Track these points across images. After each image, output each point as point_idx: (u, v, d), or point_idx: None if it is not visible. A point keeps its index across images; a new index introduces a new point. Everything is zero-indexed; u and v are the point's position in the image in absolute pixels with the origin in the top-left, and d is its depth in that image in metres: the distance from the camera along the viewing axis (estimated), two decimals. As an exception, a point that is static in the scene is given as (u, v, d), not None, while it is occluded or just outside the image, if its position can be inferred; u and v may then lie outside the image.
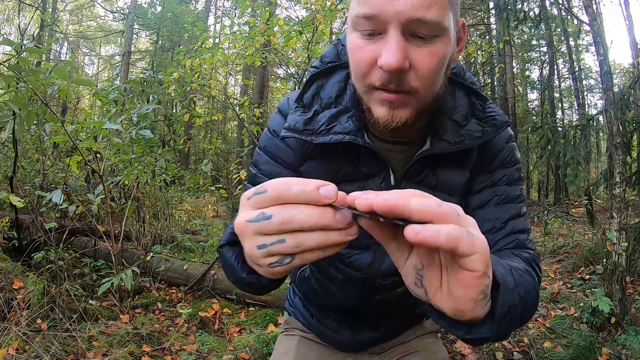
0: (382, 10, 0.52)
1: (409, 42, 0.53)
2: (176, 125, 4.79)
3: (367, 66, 0.56)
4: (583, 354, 1.88)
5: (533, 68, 15.80)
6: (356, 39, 0.57)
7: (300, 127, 0.67)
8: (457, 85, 0.69)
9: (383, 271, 0.75)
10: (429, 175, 0.70)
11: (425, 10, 0.51)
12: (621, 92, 3.21)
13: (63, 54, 16.62)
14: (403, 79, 0.55)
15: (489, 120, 0.67)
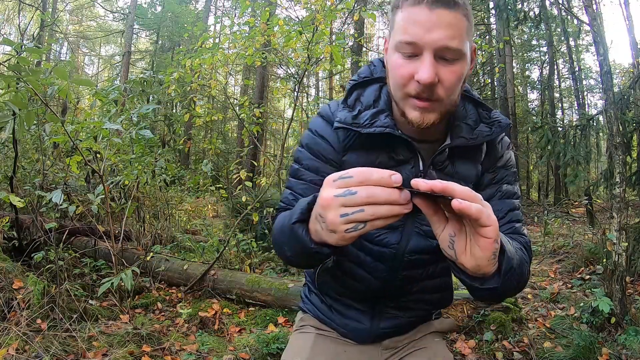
0: (420, 39, 0.72)
1: (438, 63, 0.73)
2: (176, 125, 4.79)
3: (406, 79, 0.75)
4: (583, 354, 1.88)
5: (533, 68, 15.80)
6: (398, 58, 0.76)
7: (349, 120, 0.86)
8: (467, 99, 0.90)
9: (410, 248, 0.90)
10: (449, 165, 0.88)
11: (451, 41, 0.71)
12: (621, 92, 3.21)
13: (63, 54, 16.63)
14: (433, 90, 0.74)
15: (495, 123, 0.88)
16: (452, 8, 0.72)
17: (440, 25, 0.71)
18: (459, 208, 0.50)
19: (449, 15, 0.72)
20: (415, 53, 0.74)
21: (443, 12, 0.71)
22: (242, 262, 3.16)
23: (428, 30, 0.71)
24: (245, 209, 3.35)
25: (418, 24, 0.72)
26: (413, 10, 0.73)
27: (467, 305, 2.23)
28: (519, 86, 14.35)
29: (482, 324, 2.18)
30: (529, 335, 2.15)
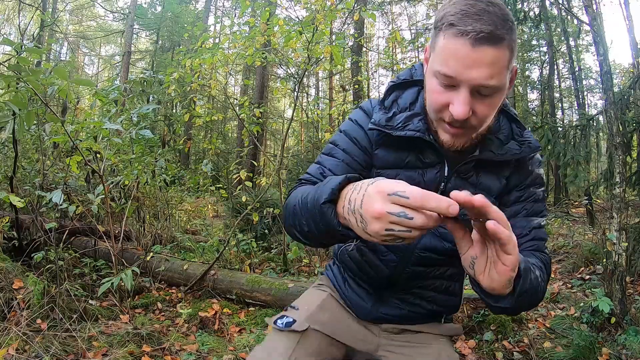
0: (458, 74, 0.71)
1: (474, 98, 0.73)
2: (176, 125, 4.80)
3: (441, 107, 0.77)
4: (583, 354, 1.88)
5: (533, 68, 15.78)
6: (436, 85, 0.76)
7: (382, 122, 0.90)
8: (503, 113, 0.91)
9: (422, 245, 0.95)
10: (473, 176, 0.91)
11: (489, 80, 0.71)
12: (621, 92, 3.21)
13: (63, 54, 16.63)
14: (466, 122, 0.76)
15: (526, 143, 0.89)
16: (497, 44, 0.69)
17: (481, 64, 0.69)
18: (494, 230, 0.53)
19: (492, 53, 0.69)
20: (452, 85, 0.74)
21: (487, 50, 0.69)
22: (242, 262, 3.17)
23: (468, 67, 0.70)
24: (245, 209, 3.35)
25: (459, 59, 0.70)
26: (456, 42, 0.70)
27: (467, 305, 2.23)
28: (519, 86, 14.34)
29: (482, 324, 2.18)
30: (529, 335, 2.14)
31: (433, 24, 0.78)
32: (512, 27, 0.72)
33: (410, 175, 0.92)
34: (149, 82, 3.03)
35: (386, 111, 0.92)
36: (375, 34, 19.27)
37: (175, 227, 4.27)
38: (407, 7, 17.09)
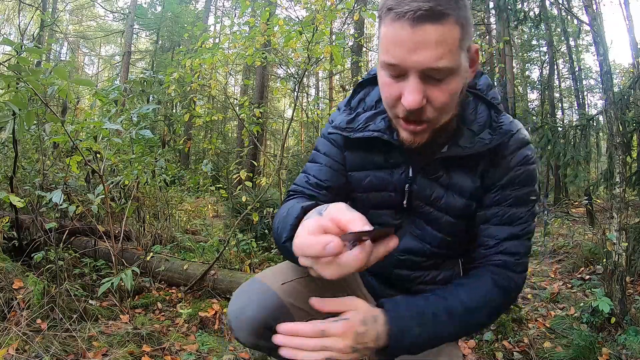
0: (402, 61, 0.65)
1: (425, 83, 0.67)
2: (176, 125, 4.80)
3: (393, 100, 0.71)
4: (583, 354, 1.88)
5: (533, 68, 15.79)
6: (385, 77, 0.71)
7: (343, 125, 0.88)
8: (480, 99, 0.83)
9: (400, 247, 0.90)
10: (443, 175, 0.84)
11: (439, 61, 0.64)
12: (621, 92, 3.21)
13: (63, 54, 16.64)
14: (421, 113, 0.69)
15: (498, 129, 0.80)
16: (439, 21, 0.63)
17: (425, 45, 0.63)
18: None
19: (436, 31, 0.63)
20: (400, 74, 0.68)
21: (428, 28, 0.62)
22: (242, 262, 3.16)
23: (412, 51, 0.64)
24: (245, 209, 3.35)
25: (400, 44, 0.64)
26: (394, 26, 0.64)
27: (467, 305, 2.23)
28: (519, 86, 14.34)
29: (482, 324, 2.18)
30: (529, 335, 2.14)
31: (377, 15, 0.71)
32: (460, 3, 0.66)
33: (380, 176, 0.88)
34: (149, 82, 3.03)
35: (350, 112, 0.89)
36: (375, 34, 19.26)
37: (175, 227, 4.27)
38: (407, 7, 17.07)
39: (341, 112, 0.90)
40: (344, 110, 0.90)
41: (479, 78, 0.86)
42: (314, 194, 0.91)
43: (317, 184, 0.92)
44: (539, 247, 4.66)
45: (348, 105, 0.91)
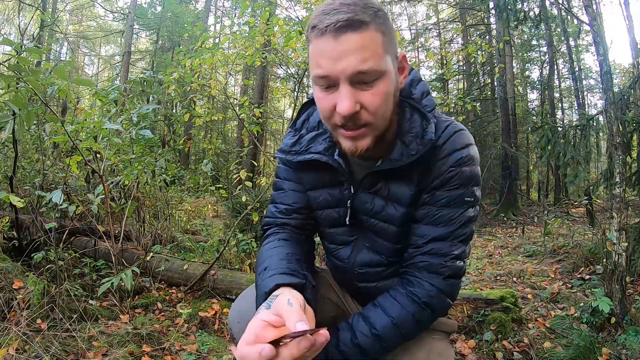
0: (330, 70, 0.69)
1: (356, 89, 0.70)
2: (176, 125, 4.79)
3: (329, 112, 0.73)
4: (583, 354, 1.88)
5: (533, 68, 15.79)
6: (318, 92, 0.74)
7: (287, 148, 0.91)
8: (415, 110, 0.84)
9: (358, 262, 0.95)
10: (382, 187, 0.86)
11: (363, 64, 0.67)
12: (621, 92, 3.21)
13: (63, 54, 16.63)
14: (357, 118, 0.71)
15: (423, 137, 0.80)
16: (359, 28, 0.67)
17: (348, 52, 0.67)
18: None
19: (357, 38, 0.67)
20: (331, 85, 0.71)
21: (349, 37, 0.67)
22: (242, 262, 3.16)
23: (337, 60, 0.68)
24: (245, 209, 3.35)
25: (327, 56, 0.69)
26: (319, 42, 0.69)
27: (467, 305, 2.23)
28: (519, 86, 14.35)
29: (482, 324, 2.18)
30: (529, 335, 2.14)
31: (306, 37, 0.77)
32: (378, 13, 0.70)
33: (332, 193, 0.93)
34: (149, 82, 3.03)
35: (294, 134, 0.92)
36: (375, 34, 19.23)
37: (175, 227, 4.27)
38: (407, 7, 17.08)
39: (287, 135, 0.94)
40: (289, 132, 0.94)
41: (416, 86, 0.87)
42: (286, 221, 0.97)
43: (286, 209, 0.97)
44: (539, 247, 4.66)
45: (293, 126, 0.94)
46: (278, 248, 0.87)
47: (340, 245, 0.97)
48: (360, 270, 0.95)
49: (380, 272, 0.94)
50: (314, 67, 0.72)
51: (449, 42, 13.96)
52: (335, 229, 0.97)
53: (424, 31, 14.90)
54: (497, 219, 9.43)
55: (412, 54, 16.47)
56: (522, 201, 11.95)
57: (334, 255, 0.99)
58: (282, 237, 0.93)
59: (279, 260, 0.82)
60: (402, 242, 0.89)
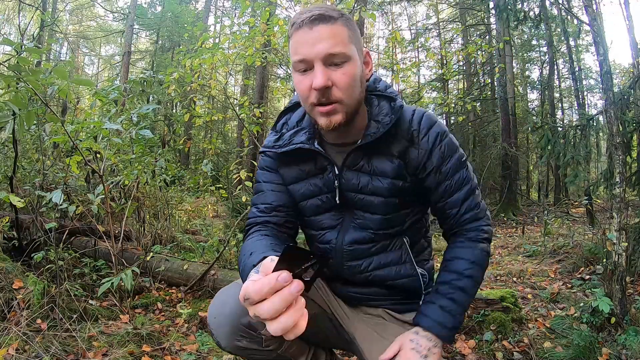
0: (307, 54, 0.84)
1: (328, 69, 0.84)
2: (176, 125, 4.79)
3: (307, 91, 0.87)
4: (583, 354, 1.88)
5: (533, 68, 15.79)
6: (297, 76, 0.88)
7: (270, 144, 1.03)
8: (382, 97, 0.99)
9: (347, 241, 1.03)
10: (365, 164, 0.98)
11: (334, 48, 0.83)
12: (621, 92, 3.21)
13: (63, 54, 16.63)
14: (329, 93, 0.85)
15: (393, 109, 0.95)
16: (329, 22, 0.84)
17: (321, 38, 0.83)
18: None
19: (328, 29, 0.84)
20: (308, 67, 0.85)
21: (322, 27, 0.83)
22: (242, 262, 3.16)
23: (312, 45, 0.83)
24: (245, 209, 3.35)
25: (303, 43, 0.84)
26: (298, 33, 0.85)
27: (467, 305, 2.23)
28: (519, 86, 14.34)
29: (482, 324, 2.18)
30: (529, 335, 2.15)
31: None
32: (346, 16, 0.87)
33: (314, 182, 1.03)
34: (149, 82, 3.02)
35: (276, 134, 1.04)
36: (375, 34, 19.27)
37: (175, 227, 4.27)
38: (407, 7, 17.08)
39: (269, 136, 1.06)
40: (270, 134, 1.06)
41: (379, 82, 1.03)
42: (267, 218, 1.03)
43: (266, 208, 1.05)
44: (539, 247, 4.66)
45: (274, 128, 1.06)
46: (261, 240, 0.92)
47: (325, 230, 1.06)
48: (350, 248, 1.03)
49: (368, 249, 1.04)
50: (293, 54, 0.86)
51: (449, 42, 13.96)
52: (320, 216, 1.06)
53: (424, 31, 14.90)
54: (497, 219, 9.43)
55: (412, 54, 16.48)
56: (522, 201, 11.95)
57: (320, 240, 1.07)
58: (264, 233, 0.98)
59: (263, 246, 0.87)
60: (389, 213, 1.01)
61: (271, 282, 0.52)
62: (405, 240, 1.06)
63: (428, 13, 17.34)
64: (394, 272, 1.05)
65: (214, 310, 0.95)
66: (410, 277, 1.06)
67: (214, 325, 0.94)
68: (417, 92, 12.68)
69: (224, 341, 0.94)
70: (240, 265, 0.87)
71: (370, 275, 1.05)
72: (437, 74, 14.36)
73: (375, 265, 1.04)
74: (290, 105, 1.09)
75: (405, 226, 1.05)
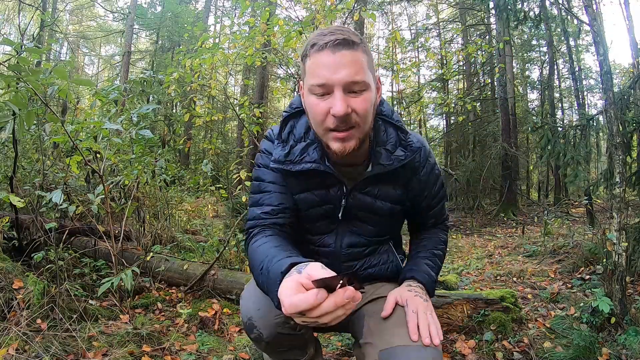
0: (328, 79, 0.84)
1: (348, 96, 0.85)
2: (176, 125, 4.79)
3: (323, 115, 0.87)
4: (583, 354, 1.88)
5: (533, 68, 15.79)
6: (313, 99, 0.88)
7: (282, 159, 1.02)
8: (388, 123, 1.03)
9: (344, 244, 1.12)
10: (372, 189, 1.06)
11: (356, 76, 0.84)
12: (621, 92, 3.21)
13: (63, 54, 16.63)
14: (349, 120, 0.86)
15: (409, 147, 1.02)
16: (352, 47, 0.84)
17: (344, 65, 0.83)
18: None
19: (350, 55, 0.83)
20: (327, 92, 0.85)
21: (345, 53, 0.83)
22: (242, 262, 3.16)
23: (334, 71, 0.83)
24: (245, 209, 3.35)
25: (325, 66, 0.83)
26: (319, 55, 0.84)
27: (467, 305, 2.23)
28: (519, 86, 14.34)
29: (482, 324, 2.18)
30: (529, 335, 2.14)
31: (300, 58, 0.92)
32: (363, 40, 0.88)
33: (319, 194, 1.07)
34: (149, 82, 3.02)
35: (284, 145, 1.04)
36: (375, 34, 19.26)
37: (175, 227, 4.27)
38: (407, 7, 17.08)
39: (276, 146, 1.04)
40: (278, 144, 1.04)
41: (383, 105, 1.06)
42: (273, 220, 1.05)
43: (273, 210, 1.05)
44: (539, 247, 4.66)
45: (280, 138, 1.05)
46: (269, 242, 0.94)
47: (324, 234, 1.13)
48: (347, 250, 1.12)
49: (363, 251, 1.14)
50: (312, 77, 0.86)
51: (449, 42, 13.96)
52: (320, 222, 1.12)
53: (424, 31, 14.90)
54: (497, 219, 9.42)
55: (412, 54, 16.48)
56: (522, 201, 11.94)
57: (319, 243, 1.14)
58: (270, 233, 1.01)
59: (280, 251, 0.88)
60: (382, 227, 1.14)
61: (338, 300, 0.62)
62: (390, 244, 1.21)
63: (428, 13, 17.36)
64: (382, 270, 1.17)
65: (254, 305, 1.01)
66: (395, 270, 1.20)
67: (257, 317, 1.01)
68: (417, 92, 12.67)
69: (267, 331, 1.00)
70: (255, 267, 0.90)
71: (363, 274, 1.16)
72: (437, 74, 14.36)
73: (367, 265, 1.16)
74: (292, 112, 1.07)
75: (392, 233, 1.21)
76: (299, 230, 1.16)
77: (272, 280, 0.79)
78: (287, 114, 1.07)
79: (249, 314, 1.03)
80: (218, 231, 4.58)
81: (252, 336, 1.04)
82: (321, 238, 1.13)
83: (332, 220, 1.11)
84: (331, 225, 1.12)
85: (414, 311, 0.95)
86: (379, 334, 0.97)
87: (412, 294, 1.01)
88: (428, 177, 1.10)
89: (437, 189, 1.15)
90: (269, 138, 1.10)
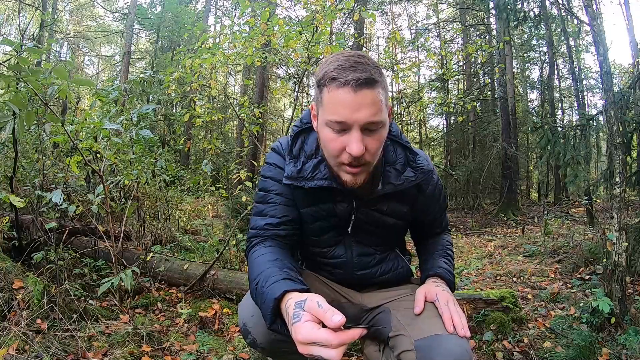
0: (348, 118, 0.84)
1: (364, 135, 0.87)
2: (176, 125, 4.79)
3: (338, 151, 0.89)
4: (583, 354, 1.88)
5: (533, 68, 15.79)
6: (330, 133, 0.89)
7: (295, 175, 1.03)
8: (397, 143, 1.07)
9: (356, 253, 1.15)
10: (382, 205, 1.09)
11: (374, 117, 0.85)
12: (621, 92, 3.20)
13: (63, 54, 16.63)
14: (361, 158, 0.89)
15: (419, 169, 1.06)
16: (373, 86, 0.84)
17: (364, 105, 0.83)
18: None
19: (371, 94, 0.84)
20: (344, 129, 0.86)
21: (366, 92, 0.83)
22: (242, 262, 3.16)
23: (355, 111, 0.83)
24: (245, 209, 3.35)
25: (345, 105, 0.83)
26: (339, 92, 0.84)
27: (467, 305, 2.23)
28: (519, 86, 14.34)
29: (482, 324, 2.18)
30: (529, 335, 2.14)
31: (316, 83, 0.91)
32: (381, 71, 0.88)
33: (326, 208, 1.09)
34: (149, 82, 3.02)
35: (295, 161, 1.04)
36: (375, 34, 19.28)
37: (175, 227, 4.27)
38: (407, 7, 17.09)
39: (287, 162, 1.05)
40: (290, 160, 1.05)
41: (392, 125, 1.08)
42: (275, 232, 1.06)
43: (276, 222, 1.07)
44: (539, 247, 4.66)
45: (290, 153, 1.06)
46: (268, 255, 0.97)
47: (333, 246, 1.15)
48: (358, 259, 1.15)
49: (371, 260, 1.17)
50: (331, 113, 0.86)
51: (449, 42, 13.97)
52: (327, 235, 1.14)
53: (424, 31, 14.90)
54: (497, 219, 9.42)
55: (412, 54, 16.49)
56: (522, 201, 11.94)
57: (331, 255, 1.16)
58: (269, 244, 1.03)
59: (276, 269, 0.89)
60: (387, 238, 1.18)
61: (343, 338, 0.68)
62: (397, 250, 1.24)
63: (428, 13, 17.36)
64: (395, 276, 1.20)
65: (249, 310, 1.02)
66: (406, 275, 1.23)
67: (251, 324, 1.02)
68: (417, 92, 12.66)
69: (260, 337, 1.01)
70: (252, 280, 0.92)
71: (377, 280, 1.19)
72: (437, 74, 14.35)
73: (380, 272, 1.18)
74: (302, 128, 1.08)
75: (397, 241, 1.25)
76: (305, 243, 1.18)
77: (266, 305, 0.82)
78: (297, 129, 1.08)
79: (244, 320, 1.04)
80: (218, 231, 4.58)
81: (247, 341, 1.06)
82: (331, 250, 1.16)
83: (339, 232, 1.14)
84: (338, 237, 1.15)
85: (445, 304, 0.97)
86: (412, 325, 0.99)
87: (440, 289, 1.03)
88: (433, 192, 1.14)
89: (441, 202, 1.19)
90: (278, 151, 1.11)
